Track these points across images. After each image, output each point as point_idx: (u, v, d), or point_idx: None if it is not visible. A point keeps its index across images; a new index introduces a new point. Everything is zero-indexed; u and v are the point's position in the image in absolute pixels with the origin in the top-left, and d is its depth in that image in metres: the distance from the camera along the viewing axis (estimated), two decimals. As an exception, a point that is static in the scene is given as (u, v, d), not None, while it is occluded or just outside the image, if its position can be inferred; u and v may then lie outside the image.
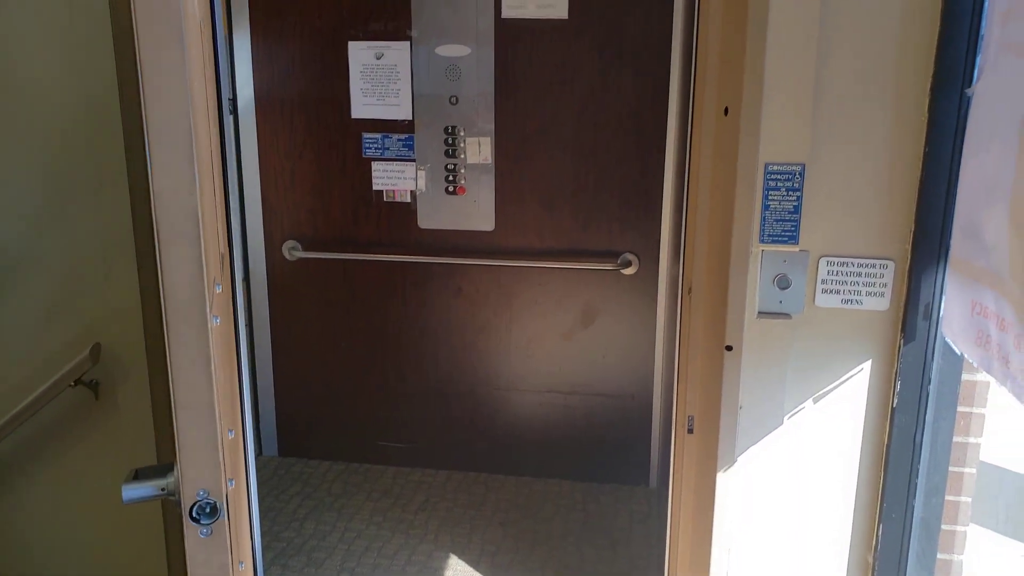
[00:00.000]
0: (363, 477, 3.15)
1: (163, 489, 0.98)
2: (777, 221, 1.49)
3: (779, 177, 1.46)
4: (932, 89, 1.38)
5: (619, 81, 2.61)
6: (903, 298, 1.49)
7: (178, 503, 0.95)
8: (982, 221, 1.27)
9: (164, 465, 1.04)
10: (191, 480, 0.92)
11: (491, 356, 2.99)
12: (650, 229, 2.73)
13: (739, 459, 1.64)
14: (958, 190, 1.36)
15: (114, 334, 1.80)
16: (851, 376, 1.56)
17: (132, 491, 0.99)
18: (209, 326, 0.86)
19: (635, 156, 2.67)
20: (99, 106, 1.68)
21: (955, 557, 1.71)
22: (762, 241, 1.51)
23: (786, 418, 1.60)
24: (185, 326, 0.87)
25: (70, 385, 1.77)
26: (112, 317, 1.79)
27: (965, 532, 1.69)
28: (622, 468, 3.05)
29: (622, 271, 2.77)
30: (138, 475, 1.02)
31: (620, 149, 2.67)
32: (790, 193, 1.46)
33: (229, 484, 0.93)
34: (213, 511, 0.93)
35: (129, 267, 1.75)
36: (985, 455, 1.62)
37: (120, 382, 1.83)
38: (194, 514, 0.93)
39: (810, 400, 1.59)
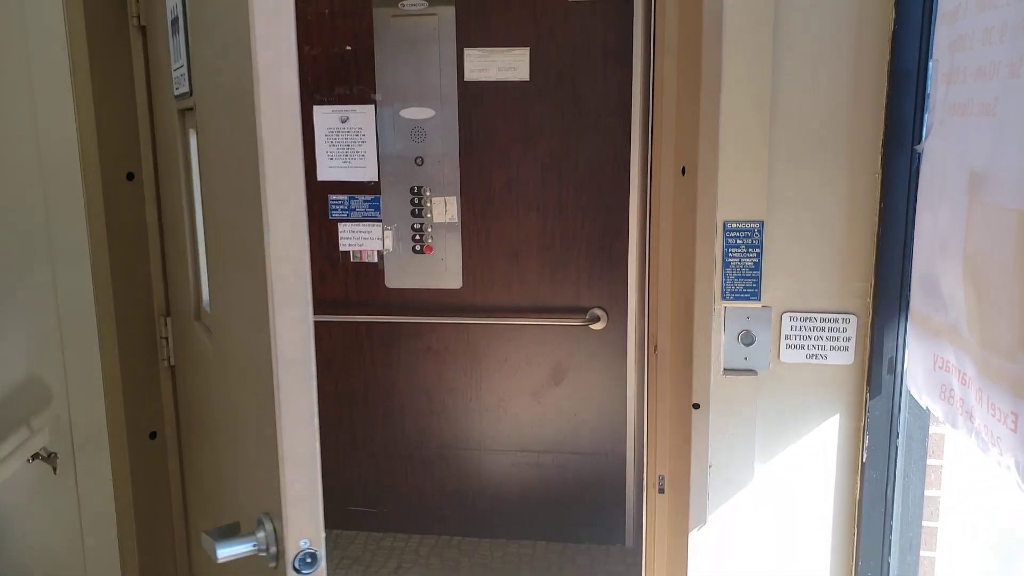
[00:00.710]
0: (332, 544, 3.05)
1: (255, 544, 0.99)
2: (738, 278, 1.49)
3: (738, 234, 1.47)
4: (884, 146, 1.41)
5: (581, 141, 2.65)
6: (867, 352, 1.49)
7: (273, 557, 0.97)
8: (938, 276, 1.28)
9: (232, 524, 1.08)
10: (295, 531, 0.94)
11: (461, 416, 2.94)
12: (617, 284, 2.74)
13: (711, 518, 1.61)
14: (914, 245, 1.38)
15: (74, 407, 1.75)
16: (820, 431, 1.55)
17: (227, 549, 0.98)
18: (314, 382, 0.91)
19: (599, 213, 2.69)
20: (58, 176, 1.66)
21: (933, 614, 1.68)
22: (724, 298, 1.51)
23: (757, 475, 1.58)
24: (294, 383, 0.91)
25: (27, 460, 1.71)
26: (73, 391, 1.74)
27: (941, 587, 1.67)
28: (597, 527, 3.00)
29: (591, 326, 2.77)
30: (223, 534, 1.02)
31: (584, 206, 2.70)
32: (750, 250, 1.47)
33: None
34: (314, 560, 0.96)
35: (89, 339, 1.71)
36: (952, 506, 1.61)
37: (79, 456, 1.77)
38: (296, 564, 0.95)
39: (780, 456, 1.57)
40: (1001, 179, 1.03)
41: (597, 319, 2.77)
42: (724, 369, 1.55)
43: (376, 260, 2.82)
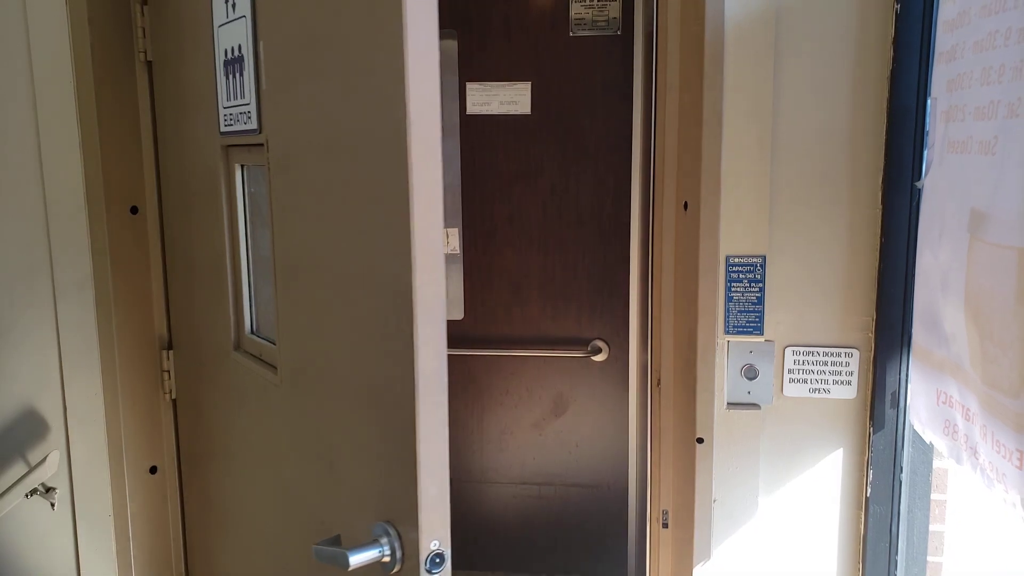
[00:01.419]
0: (331, 578, 3.01)
1: (380, 551, 1.05)
2: (741, 312, 1.50)
3: (741, 269, 1.48)
4: (884, 183, 1.43)
5: (582, 175, 2.67)
6: (870, 386, 1.49)
7: (398, 560, 1.04)
8: (940, 312, 1.29)
9: (332, 538, 1.16)
10: (428, 533, 1.01)
11: (463, 447, 2.93)
12: (618, 316, 2.74)
13: (715, 553, 1.60)
14: (915, 281, 1.39)
15: (74, 441, 1.74)
16: (823, 466, 1.55)
17: (358, 555, 1.03)
18: (445, 395, 1.01)
19: (600, 247, 2.71)
20: (63, 210, 1.67)
21: (940, 652, 1.66)
22: (727, 332, 1.51)
23: (761, 510, 1.58)
24: (431, 395, 1.00)
25: (25, 496, 1.69)
26: (73, 424, 1.73)
27: (948, 625, 1.65)
28: (599, 562, 2.97)
29: (592, 358, 2.77)
30: (332, 544, 1.10)
31: (585, 240, 2.71)
32: (752, 284, 1.48)
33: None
34: (442, 560, 1.03)
35: (91, 373, 1.70)
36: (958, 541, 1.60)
37: (79, 491, 1.76)
38: (427, 565, 1.01)
39: (784, 491, 1.57)
40: (1002, 217, 1.04)
41: (599, 351, 2.77)
42: (727, 403, 1.55)
43: (377, 291, 2.82)
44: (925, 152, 1.37)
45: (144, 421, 1.80)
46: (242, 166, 1.48)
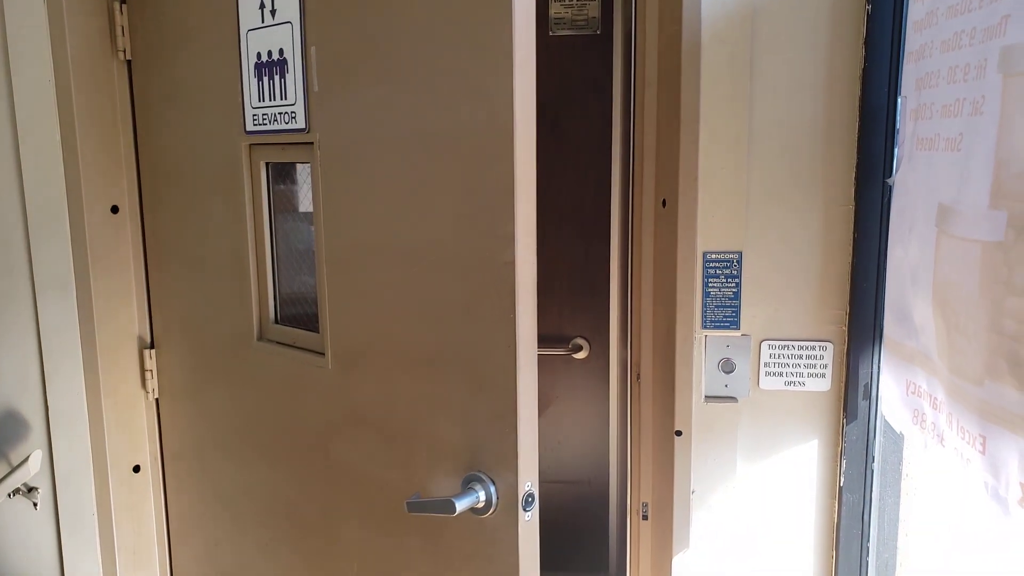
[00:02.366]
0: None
1: (477, 497, 1.20)
2: (718, 307, 1.53)
3: (718, 265, 1.51)
4: (856, 180, 1.46)
5: (562, 173, 2.69)
6: (843, 378, 1.53)
7: (491, 505, 1.21)
8: (910, 305, 1.33)
9: (414, 496, 1.28)
10: (524, 476, 1.19)
11: (444, 444, 2.94)
12: (599, 314, 2.76)
13: (694, 543, 1.63)
14: (887, 275, 1.43)
15: (56, 441, 1.74)
16: (798, 456, 1.58)
17: (463, 502, 1.18)
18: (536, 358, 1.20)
19: (580, 244, 2.73)
20: (43, 210, 1.67)
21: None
22: (705, 327, 1.55)
23: (738, 500, 1.61)
24: (527, 357, 1.18)
25: (8, 496, 1.69)
26: (56, 424, 1.73)
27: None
28: (580, 556, 2.99)
29: (573, 355, 2.79)
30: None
31: (566, 238, 2.73)
32: (729, 280, 1.51)
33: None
34: (532, 499, 1.22)
35: (74, 372, 1.70)
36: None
37: (62, 491, 1.75)
38: (523, 504, 1.20)
39: (761, 481, 1.60)
40: (966, 212, 1.08)
41: (580, 348, 2.79)
42: (705, 396, 1.58)
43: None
44: (896, 149, 1.41)
45: (127, 420, 1.80)
46: (267, 164, 1.52)
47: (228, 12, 1.48)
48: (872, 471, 1.52)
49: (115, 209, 1.74)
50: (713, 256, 1.51)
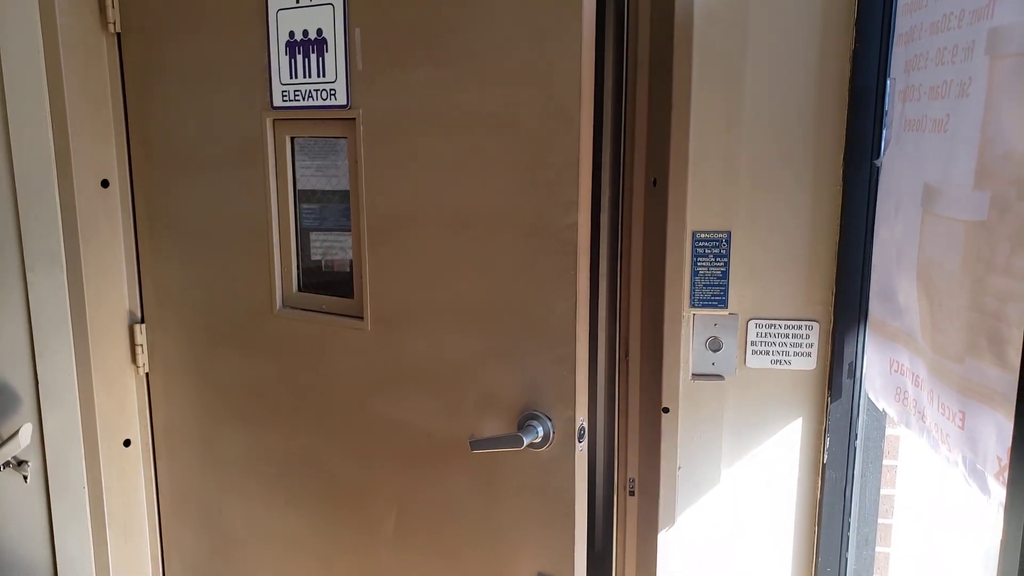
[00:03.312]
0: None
1: (535, 434, 1.37)
2: (706, 286, 1.55)
3: (707, 244, 1.53)
4: (844, 160, 1.48)
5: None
6: (828, 357, 1.55)
7: (546, 439, 1.38)
8: (895, 284, 1.35)
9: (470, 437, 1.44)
10: (580, 412, 1.37)
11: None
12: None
13: (679, 519, 1.66)
14: (872, 255, 1.45)
15: (47, 415, 1.74)
16: (783, 434, 1.61)
17: (528, 437, 1.35)
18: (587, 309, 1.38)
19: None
20: (32, 184, 1.66)
21: (891, 609, 1.74)
22: (693, 305, 1.56)
23: (724, 477, 1.64)
24: (583, 309, 1.35)
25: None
26: (46, 398, 1.73)
27: (898, 584, 1.74)
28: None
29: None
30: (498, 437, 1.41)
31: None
32: (718, 259, 1.53)
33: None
34: (584, 432, 1.40)
35: (64, 346, 1.70)
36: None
37: (52, 464, 1.76)
38: (578, 436, 1.37)
39: (746, 458, 1.63)
40: (951, 192, 1.09)
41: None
42: (692, 374, 1.60)
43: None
44: (884, 131, 1.42)
45: (117, 395, 1.81)
46: (292, 138, 1.58)
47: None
48: (855, 448, 1.55)
49: (105, 183, 1.73)
50: (702, 236, 1.53)
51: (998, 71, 0.98)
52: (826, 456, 1.58)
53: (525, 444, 1.34)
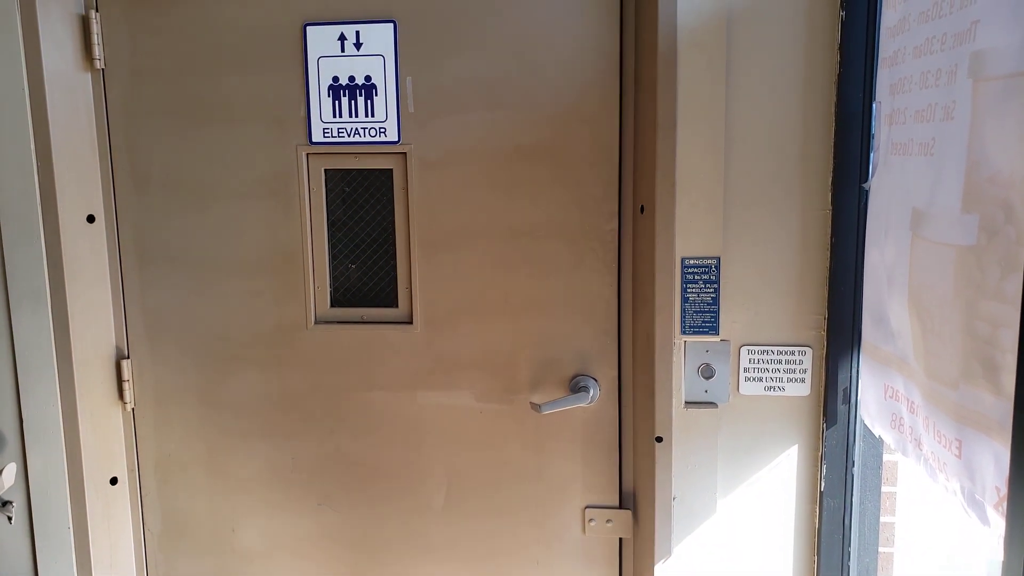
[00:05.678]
0: None
1: (588, 396, 1.66)
2: (697, 313, 1.53)
3: (696, 271, 1.51)
4: (833, 184, 1.47)
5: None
6: (823, 383, 1.53)
7: (596, 395, 1.68)
8: (886, 308, 1.33)
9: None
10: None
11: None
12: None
13: (676, 550, 1.63)
14: (864, 279, 1.43)
15: (31, 454, 1.71)
16: (779, 461, 1.58)
17: (587, 394, 1.66)
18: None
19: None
20: (16, 220, 1.65)
21: (895, 640, 1.71)
22: (684, 332, 1.54)
23: (720, 506, 1.61)
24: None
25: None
26: (31, 436, 1.70)
27: (902, 614, 1.70)
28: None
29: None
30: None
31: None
32: (708, 285, 1.51)
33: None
34: (622, 389, 1.71)
35: (48, 384, 1.68)
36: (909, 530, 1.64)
37: (37, 504, 1.73)
38: (620, 390, 1.69)
39: (742, 487, 1.60)
40: (939, 216, 1.08)
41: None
42: (685, 402, 1.58)
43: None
44: (871, 154, 1.41)
45: (103, 432, 1.78)
46: (325, 170, 1.73)
47: (275, 37, 1.69)
48: (852, 476, 1.52)
49: (91, 219, 1.72)
50: (691, 262, 1.51)
51: (981, 94, 0.97)
52: (823, 484, 1.55)
53: (589, 400, 1.64)
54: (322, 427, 1.80)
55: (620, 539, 1.75)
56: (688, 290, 1.52)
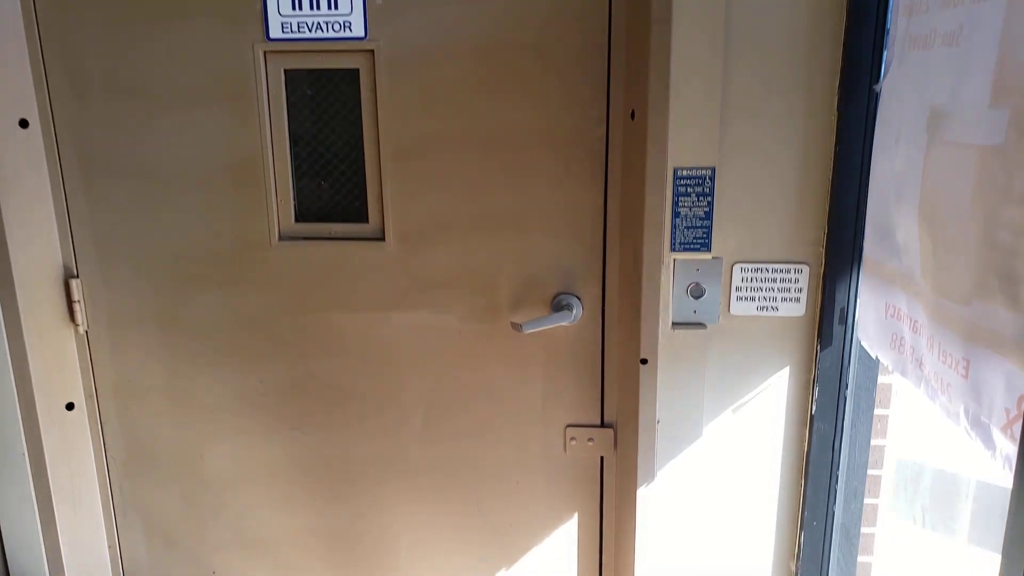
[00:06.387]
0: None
1: (570, 315, 1.57)
2: (688, 228, 1.43)
3: (689, 182, 1.41)
4: (840, 87, 1.35)
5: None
6: (819, 303, 1.45)
7: (579, 314, 1.59)
8: (893, 222, 1.24)
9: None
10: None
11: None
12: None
13: (660, 474, 1.57)
14: (869, 191, 1.33)
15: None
16: (769, 384, 1.52)
17: (570, 312, 1.55)
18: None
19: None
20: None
21: (871, 559, 1.68)
22: (674, 249, 1.45)
23: (705, 430, 1.55)
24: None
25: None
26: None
27: (872, 534, 1.67)
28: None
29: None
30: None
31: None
32: (701, 199, 1.41)
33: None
34: (605, 308, 1.61)
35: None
36: (899, 451, 1.60)
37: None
38: (604, 309, 1.60)
39: (729, 411, 1.54)
40: (963, 114, 0.97)
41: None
42: (673, 323, 1.49)
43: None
44: (884, 52, 1.29)
45: (54, 356, 1.67)
46: (285, 70, 1.57)
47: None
48: (845, 399, 1.46)
49: (24, 123, 1.57)
50: (684, 172, 1.41)
51: (1023, -30, 0.85)
52: (814, 407, 1.49)
53: (572, 319, 1.55)
54: (291, 350, 1.70)
55: (602, 458, 1.69)
56: (680, 203, 1.41)
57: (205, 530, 1.82)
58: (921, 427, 1.74)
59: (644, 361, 1.50)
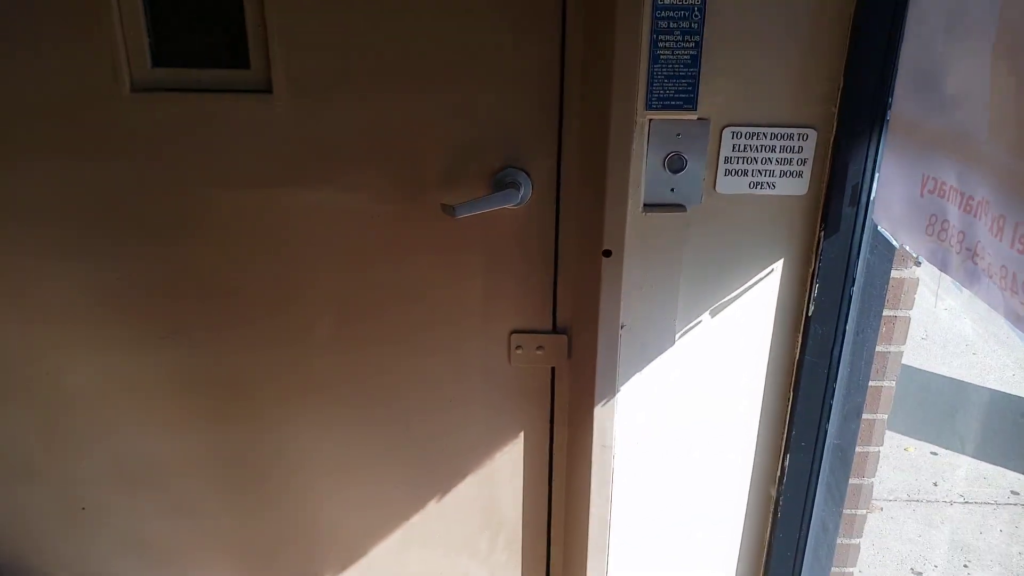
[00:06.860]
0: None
1: (517, 195, 1.23)
2: (669, 78, 1.10)
3: (672, 15, 1.07)
4: None
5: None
6: (826, 178, 1.16)
7: (528, 193, 1.26)
8: (940, 65, 0.94)
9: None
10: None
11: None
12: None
13: (622, 389, 1.31)
14: (906, 27, 1.02)
15: None
16: (758, 281, 1.24)
17: (516, 191, 1.22)
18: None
19: None
20: None
21: (866, 481, 1.48)
22: (650, 107, 1.12)
23: (679, 337, 1.27)
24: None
25: None
26: None
27: (879, 452, 1.46)
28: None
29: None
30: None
31: None
32: (687, 37, 1.08)
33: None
34: (561, 184, 1.27)
35: None
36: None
37: None
38: (557, 190, 1.28)
39: (707, 314, 1.26)
40: None
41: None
42: (644, 205, 1.19)
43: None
44: None
45: None
46: None
47: None
48: (850, 297, 1.19)
49: None
50: (667, 2, 1.06)
51: None
52: (812, 307, 1.22)
53: (522, 201, 1.25)
54: (158, 237, 1.34)
55: (553, 369, 1.41)
56: (660, 44, 1.08)
57: (70, 461, 1.50)
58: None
59: (607, 253, 1.20)
